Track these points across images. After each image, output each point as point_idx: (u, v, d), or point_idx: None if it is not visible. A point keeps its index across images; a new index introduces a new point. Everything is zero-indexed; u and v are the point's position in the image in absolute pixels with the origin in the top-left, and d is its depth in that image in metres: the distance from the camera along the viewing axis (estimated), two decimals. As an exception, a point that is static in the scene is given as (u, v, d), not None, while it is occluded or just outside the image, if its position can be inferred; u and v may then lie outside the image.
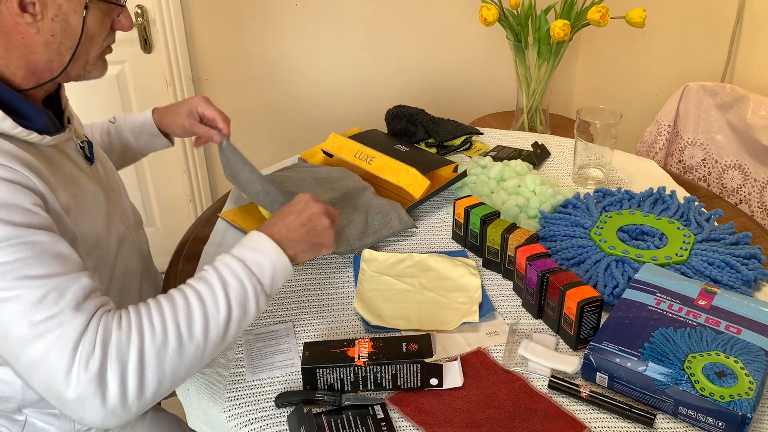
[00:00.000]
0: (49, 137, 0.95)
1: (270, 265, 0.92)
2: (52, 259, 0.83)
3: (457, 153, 1.61)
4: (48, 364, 0.80)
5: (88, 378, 0.79)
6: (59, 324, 0.80)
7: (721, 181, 1.89)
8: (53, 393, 0.81)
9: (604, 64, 2.51)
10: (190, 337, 0.85)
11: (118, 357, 0.81)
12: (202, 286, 0.88)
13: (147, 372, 0.82)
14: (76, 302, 0.82)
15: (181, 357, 0.85)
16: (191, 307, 0.86)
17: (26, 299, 0.80)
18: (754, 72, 1.95)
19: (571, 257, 1.21)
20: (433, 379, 0.95)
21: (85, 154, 1.06)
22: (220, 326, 0.88)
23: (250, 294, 0.90)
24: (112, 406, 0.81)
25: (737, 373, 0.90)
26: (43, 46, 0.92)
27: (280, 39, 2.25)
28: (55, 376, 0.80)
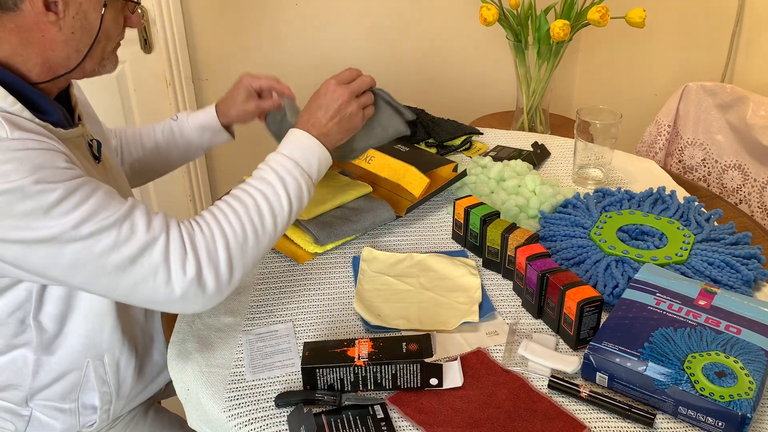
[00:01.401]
0: (63, 131, 0.97)
1: (316, 159, 1.07)
2: (105, 195, 0.90)
3: (457, 153, 1.61)
4: (148, 282, 0.90)
5: (188, 280, 0.91)
6: (143, 247, 0.89)
7: (721, 181, 1.89)
8: (160, 302, 0.93)
9: (604, 64, 2.51)
10: (264, 231, 0.99)
11: (210, 257, 0.93)
12: (265, 186, 1.01)
13: (235, 265, 0.96)
14: (146, 225, 0.91)
15: (258, 247, 0.99)
16: (260, 206, 0.99)
17: (107, 238, 0.88)
18: (754, 72, 1.95)
19: (571, 257, 1.21)
20: (433, 379, 0.95)
21: (93, 153, 1.07)
22: (285, 218, 1.02)
23: (303, 188, 1.04)
24: (210, 295, 0.94)
25: (737, 373, 0.90)
26: (63, 44, 0.94)
27: (280, 39, 2.25)
28: (158, 290, 0.91)
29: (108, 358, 1.10)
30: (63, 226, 0.85)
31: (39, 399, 1.09)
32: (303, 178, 1.04)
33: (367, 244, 1.28)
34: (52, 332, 1.03)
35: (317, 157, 1.07)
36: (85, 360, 1.08)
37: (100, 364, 1.09)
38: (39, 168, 0.85)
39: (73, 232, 0.86)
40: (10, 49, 0.93)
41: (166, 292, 0.91)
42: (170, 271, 0.90)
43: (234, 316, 1.11)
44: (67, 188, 0.87)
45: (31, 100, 0.93)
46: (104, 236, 0.87)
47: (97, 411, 1.13)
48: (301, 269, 1.22)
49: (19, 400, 1.09)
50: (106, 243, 0.88)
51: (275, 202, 1.01)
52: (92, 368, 1.09)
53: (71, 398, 1.10)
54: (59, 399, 1.10)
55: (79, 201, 0.87)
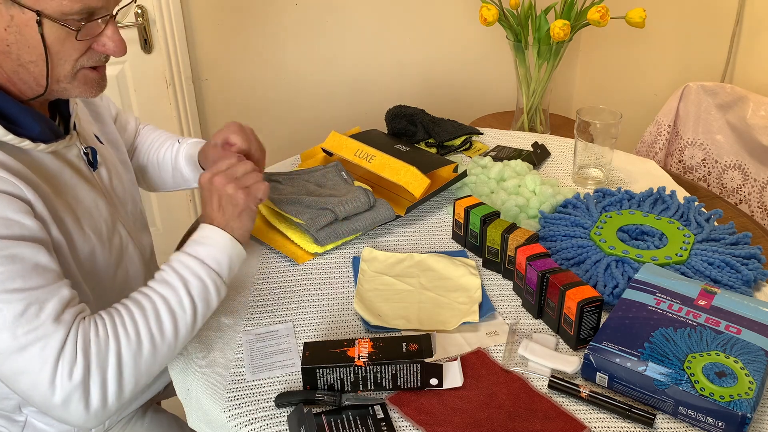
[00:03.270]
0: (44, 144, 0.95)
1: (226, 256, 0.99)
2: (32, 272, 0.86)
3: (457, 153, 1.61)
4: (31, 375, 0.85)
5: (73, 386, 0.85)
6: (40, 337, 0.85)
7: (721, 181, 1.89)
8: (37, 400, 0.87)
9: (604, 64, 2.51)
10: (162, 339, 0.92)
11: (99, 364, 0.87)
12: (166, 290, 0.94)
13: (125, 375, 0.89)
14: (55, 314, 0.86)
15: (155, 357, 0.92)
16: (159, 311, 0.92)
17: (8, 313, 0.84)
18: (754, 72, 1.95)
19: (571, 257, 1.21)
20: (433, 379, 0.95)
21: (89, 160, 1.06)
22: (188, 324, 0.95)
23: (210, 288, 0.97)
24: (94, 409, 0.88)
25: (737, 373, 0.90)
26: (3, 55, 0.91)
27: (280, 39, 2.25)
28: (39, 386, 0.85)
29: None
30: None
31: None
32: (210, 277, 0.96)
33: (367, 244, 1.28)
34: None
35: (227, 254, 0.98)
36: None
37: None
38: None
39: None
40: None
41: (48, 392, 0.85)
42: (57, 371, 0.85)
43: (234, 316, 1.11)
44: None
45: (8, 114, 0.92)
46: (7, 309, 0.84)
47: None
48: (301, 269, 1.22)
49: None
50: (5, 318, 0.84)
51: (176, 306, 0.93)
52: None
53: None
54: None
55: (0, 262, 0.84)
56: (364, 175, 1.45)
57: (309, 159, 1.54)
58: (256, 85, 2.30)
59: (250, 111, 2.32)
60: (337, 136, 1.47)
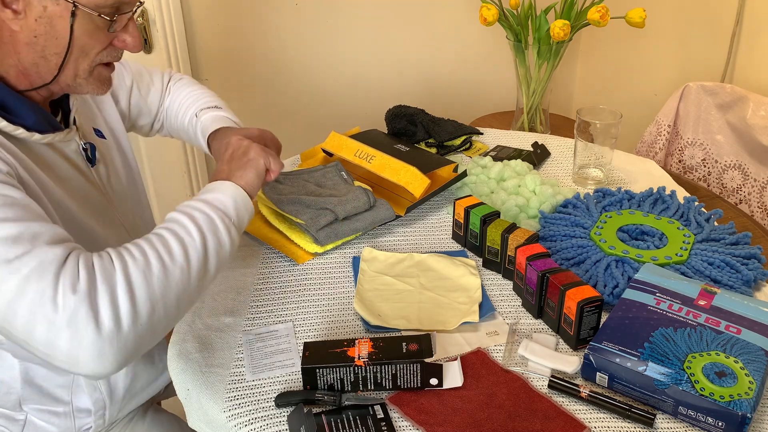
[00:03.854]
0: (39, 135, 0.95)
1: (230, 198, 0.96)
2: (25, 209, 0.82)
3: (457, 153, 1.61)
4: (29, 297, 0.76)
5: (77, 299, 0.76)
6: (35, 256, 0.78)
7: (721, 181, 1.89)
8: (39, 331, 0.76)
9: (604, 64, 2.51)
10: (172, 260, 0.86)
11: (105, 279, 0.79)
12: (171, 224, 0.91)
13: (137, 293, 0.81)
14: (51, 240, 0.81)
15: (167, 279, 0.85)
16: (165, 237, 0.88)
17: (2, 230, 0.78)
18: (754, 72, 1.95)
19: (571, 257, 1.21)
20: (433, 379, 0.95)
21: (87, 156, 1.06)
22: (198, 251, 0.89)
23: (218, 224, 0.93)
24: (107, 332, 0.77)
25: (737, 373, 0.90)
26: (26, 46, 0.91)
27: (280, 39, 2.25)
28: (37, 309, 0.76)
29: None
30: None
31: (32, 403, 1.09)
32: (216, 214, 0.93)
33: (367, 244, 1.28)
34: None
35: (231, 196, 0.97)
36: None
37: None
38: None
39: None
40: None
41: (51, 311, 0.76)
42: (58, 285, 0.77)
43: (234, 316, 1.11)
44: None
45: (3, 102, 0.92)
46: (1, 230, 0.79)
47: (92, 414, 1.12)
48: (301, 269, 1.22)
49: (12, 404, 1.08)
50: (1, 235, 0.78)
51: (184, 234, 0.89)
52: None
53: (64, 401, 1.10)
54: (52, 402, 1.09)
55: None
56: (364, 175, 1.45)
57: (309, 159, 1.54)
58: (256, 85, 2.30)
59: (250, 111, 2.32)
60: (337, 137, 1.47)
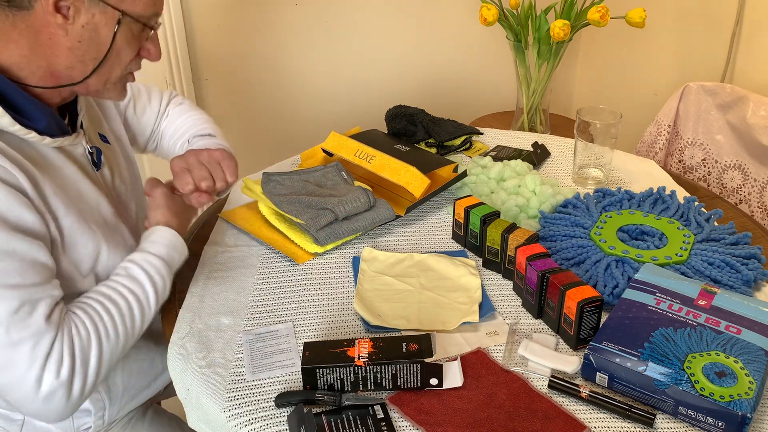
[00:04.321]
0: (49, 138, 0.96)
1: (177, 254, 1.08)
2: (30, 268, 0.89)
3: (457, 153, 1.61)
4: (19, 370, 0.88)
5: (59, 383, 0.90)
6: (32, 335, 0.88)
7: (721, 181, 1.89)
8: (18, 395, 0.90)
9: (604, 64, 2.51)
10: (133, 332, 1.00)
11: (83, 362, 0.93)
12: (136, 287, 1.01)
13: (102, 368, 0.96)
14: (46, 315, 0.90)
15: (125, 347, 1.00)
16: (132, 308, 1.00)
17: (2, 309, 0.87)
18: (754, 72, 1.95)
19: (571, 257, 1.21)
20: (433, 379, 0.95)
21: (93, 160, 1.07)
22: (151, 316, 1.03)
23: (168, 284, 1.06)
24: (73, 401, 0.93)
25: (737, 373, 0.90)
26: (68, 51, 0.93)
27: (280, 39, 2.25)
28: (25, 382, 0.88)
29: None
30: None
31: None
32: (169, 275, 1.06)
33: (367, 244, 1.28)
34: None
35: (178, 251, 1.09)
36: None
37: None
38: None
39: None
40: (16, 50, 0.92)
41: (32, 389, 0.89)
42: (45, 370, 0.89)
43: (234, 316, 1.11)
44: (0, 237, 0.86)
45: (17, 105, 0.93)
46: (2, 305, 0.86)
47: (91, 415, 1.12)
48: (301, 269, 1.22)
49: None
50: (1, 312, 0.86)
51: (146, 304, 1.02)
52: None
53: None
54: None
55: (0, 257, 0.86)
56: (364, 175, 1.45)
57: (309, 159, 1.54)
58: (256, 85, 2.30)
59: (250, 111, 2.32)
60: (337, 137, 1.47)
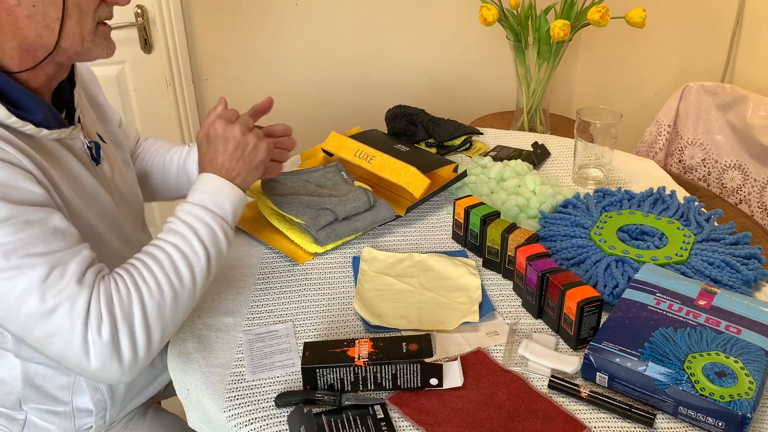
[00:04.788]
0: (47, 131, 0.95)
1: (229, 201, 1.01)
2: (52, 235, 0.88)
3: (457, 153, 1.61)
4: (63, 336, 0.86)
5: (104, 343, 0.87)
6: (67, 297, 0.86)
7: (721, 181, 1.89)
8: (72, 361, 0.88)
9: (604, 64, 2.51)
10: (182, 286, 0.94)
11: (125, 318, 0.89)
12: (177, 239, 0.96)
13: (152, 325, 0.91)
14: (78, 276, 0.88)
15: (177, 305, 0.94)
16: (174, 259, 0.94)
17: (33, 276, 0.85)
18: (754, 72, 1.95)
19: (571, 257, 1.21)
20: (433, 379, 0.95)
21: (92, 155, 1.06)
22: (203, 269, 0.97)
23: (218, 233, 0.99)
24: (127, 363, 0.89)
25: (737, 373, 0.90)
26: (28, 19, 0.90)
27: (280, 39, 2.25)
28: (72, 347, 0.87)
29: None
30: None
31: (32, 402, 1.09)
32: (216, 222, 0.99)
33: (367, 244, 1.28)
34: None
35: (229, 199, 1.01)
36: None
37: None
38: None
39: (2, 261, 0.84)
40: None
41: (82, 354, 0.87)
42: (87, 330, 0.87)
43: (234, 316, 1.11)
44: (12, 211, 0.85)
45: (12, 97, 0.92)
46: (31, 274, 0.85)
47: (92, 415, 1.12)
48: (301, 269, 1.22)
49: (12, 404, 1.08)
50: (32, 282, 0.85)
51: (190, 253, 0.96)
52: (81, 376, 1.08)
53: (65, 401, 1.10)
54: (53, 402, 1.09)
55: (17, 228, 0.85)
56: (364, 175, 1.45)
57: (309, 159, 1.54)
58: (256, 85, 2.30)
59: (250, 111, 2.32)
60: (337, 137, 1.47)
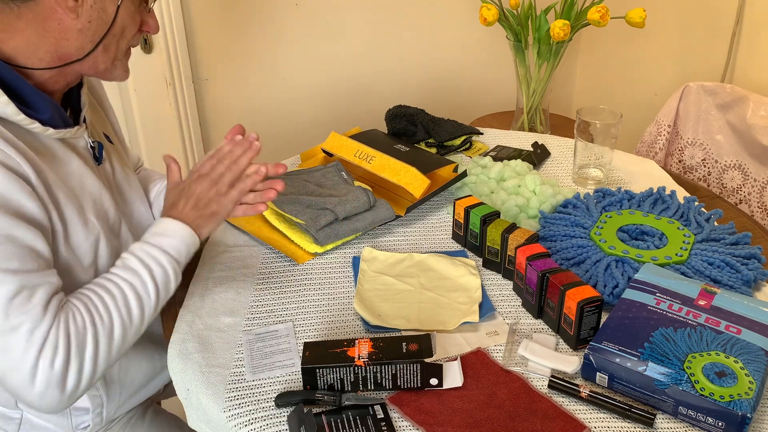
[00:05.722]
0: (52, 130, 0.96)
1: (185, 246, 1.03)
2: (28, 255, 0.89)
3: (457, 153, 1.61)
4: (15, 356, 0.86)
5: (53, 373, 0.88)
6: (30, 320, 0.87)
7: (721, 181, 1.89)
8: (13, 382, 0.88)
9: (604, 64, 2.51)
10: (131, 324, 0.97)
11: (78, 352, 0.90)
12: (132, 277, 0.98)
13: (99, 360, 0.93)
14: (44, 302, 0.89)
15: (124, 341, 0.96)
16: (128, 297, 0.97)
17: (2, 291, 0.86)
18: (754, 72, 1.95)
19: (571, 257, 1.21)
20: (433, 379, 0.95)
21: (94, 155, 1.07)
22: (152, 308, 1.00)
23: (171, 275, 1.01)
24: (68, 393, 0.90)
25: (737, 373, 0.90)
26: (78, 33, 0.95)
27: (281, 39, 2.25)
28: (21, 369, 0.87)
29: None
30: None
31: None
32: (170, 265, 1.01)
33: (367, 244, 1.28)
34: None
35: (186, 244, 1.03)
36: None
37: None
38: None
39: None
40: (22, 39, 0.92)
41: (27, 379, 0.87)
42: (40, 359, 0.87)
43: (234, 316, 1.11)
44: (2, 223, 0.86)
45: (22, 95, 0.93)
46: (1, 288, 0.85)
47: (89, 413, 1.12)
48: (301, 269, 1.22)
49: (9, 402, 1.08)
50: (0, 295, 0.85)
51: (143, 293, 0.98)
52: None
53: None
54: None
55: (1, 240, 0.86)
56: (364, 175, 1.45)
57: (309, 159, 1.54)
58: (257, 85, 2.30)
59: (250, 111, 2.32)
60: (337, 137, 1.47)
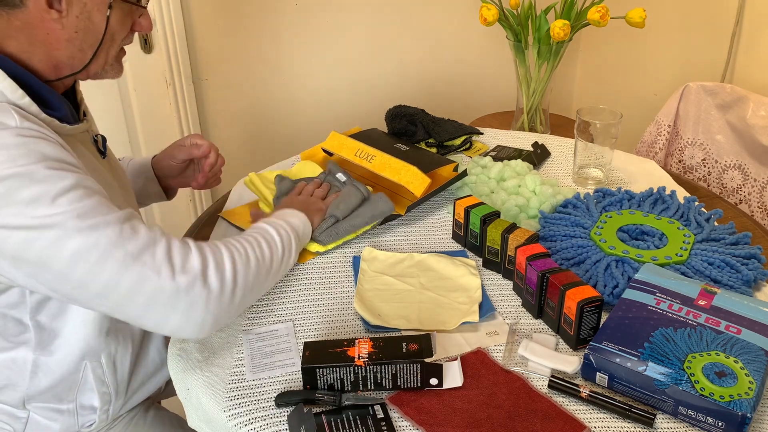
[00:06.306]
0: (68, 126, 0.98)
1: (303, 227, 1.16)
2: (105, 199, 0.91)
3: (457, 153, 1.61)
4: (150, 281, 0.88)
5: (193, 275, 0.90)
6: (147, 244, 0.89)
7: (721, 181, 1.89)
8: (161, 303, 0.89)
9: (604, 64, 2.51)
10: (263, 259, 1.01)
11: (213, 253, 0.94)
12: (264, 232, 1.06)
13: (238, 276, 0.95)
14: (146, 227, 0.92)
15: (258, 272, 0.99)
16: (260, 242, 1.02)
17: (111, 232, 0.87)
18: (754, 72, 1.95)
19: (571, 257, 1.21)
20: (433, 379, 0.96)
21: (99, 148, 1.09)
22: (278, 260, 1.05)
23: (293, 244, 1.10)
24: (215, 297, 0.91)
25: (737, 373, 0.90)
26: (66, 42, 0.95)
27: (280, 39, 2.25)
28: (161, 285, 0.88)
29: (105, 358, 1.10)
30: (69, 214, 0.85)
31: (36, 401, 1.09)
32: (294, 235, 1.11)
33: (367, 244, 1.28)
34: (50, 332, 1.03)
35: (302, 222, 1.16)
36: (83, 362, 1.07)
37: (98, 365, 1.09)
38: (47, 156, 0.86)
39: (79, 222, 0.85)
40: (17, 46, 0.94)
41: (171, 287, 0.88)
42: (174, 266, 0.89)
43: (234, 315, 1.11)
44: (76, 179, 0.87)
45: (39, 95, 0.94)
46: (108, 231, 0.87)
47: (96, 411, 1.13)
48: (302, 269, 1.22)
49: (16, 401, 1.09)
50: (110, 237, 0.87)
51: (272, 242, 1.05)
52: (90, 369, 1.09)
53: (69, 399, 1.10)
54: (57, 400, 1.10)
55: (85, 194, 0.87)
56: (364, 174, 1.45)
57: (309, 159, 1.54)
58: (256, 85, 2.30)
59: (250, 111, 2.32)
60: (338, 136, 1.47)
